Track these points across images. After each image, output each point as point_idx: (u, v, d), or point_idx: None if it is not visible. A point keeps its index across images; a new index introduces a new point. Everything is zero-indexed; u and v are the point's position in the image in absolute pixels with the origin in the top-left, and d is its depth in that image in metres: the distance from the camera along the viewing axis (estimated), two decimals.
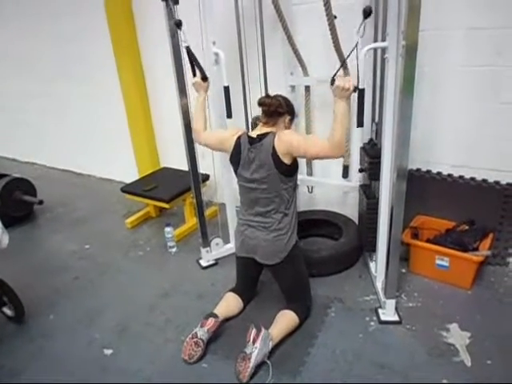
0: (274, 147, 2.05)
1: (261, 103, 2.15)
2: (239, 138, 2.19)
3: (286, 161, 2.06)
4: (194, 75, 2.40)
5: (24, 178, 3.87)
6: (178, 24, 2.28)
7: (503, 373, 1.94)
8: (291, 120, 2.24)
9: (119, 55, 3.73)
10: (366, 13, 1.78)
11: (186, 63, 2.44)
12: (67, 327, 2.46)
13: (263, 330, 2.05)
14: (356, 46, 1.85)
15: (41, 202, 3.72)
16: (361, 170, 2.59)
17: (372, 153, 2.37)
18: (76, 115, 4.57)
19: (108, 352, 2.25)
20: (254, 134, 2.16)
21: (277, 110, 2.13)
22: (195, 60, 2.36)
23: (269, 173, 2.09)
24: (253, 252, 2.26)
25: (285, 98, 2.20)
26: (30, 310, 2.55)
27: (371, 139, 2.51)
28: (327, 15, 2.25)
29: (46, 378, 2.11)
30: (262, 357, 2.01)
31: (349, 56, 1.87)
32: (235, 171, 2.25)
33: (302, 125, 3.04)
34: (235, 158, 2.20)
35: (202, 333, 2.13)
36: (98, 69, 4.03)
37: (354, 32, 1.87)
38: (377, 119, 2.47)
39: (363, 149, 2.51)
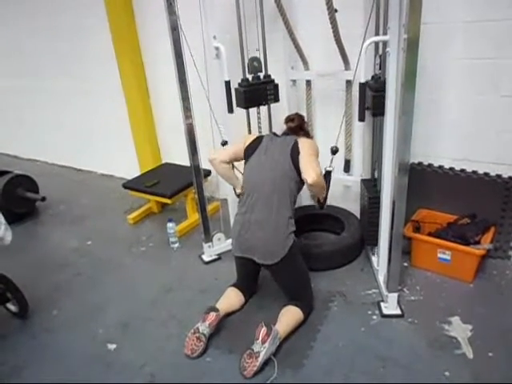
0: (296, 141, 2.24)
1: (289, 119, 2.42)
2: (262, 135, 2.41)
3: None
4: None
5: (26, 174, 3.88)
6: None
7: (505, 365, 1.95)
8: None
9: (120, 51, 3.72)
10: (333, 151, 2.17)
11: (187, 60, 2.45)
12: (71, 323, 2.47)
13: (273, 328, 2.05)
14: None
15: (43, 199, 3.72)
16: (366, 108, 2.39)
17: (376, 86, 2.24)
18: (77, 112, 4.56)
19: (112, 347, 2.26)
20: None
21: (301, 126, 2.41)
22: None
23: (282, 165, 2.18)
24: (250, 253, 2.23)
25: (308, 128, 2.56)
26: (34, 305, 2.56)
27: (374, 74, 2.37)
28: (328, 9, 2.24)
29: (49, 376, 2.13)
30: (269, 355, 2.02)
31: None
32: (247, 159, 2.30)
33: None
34: (252, 148, 2.32)
35: (204, 328, 2.14)
36: (99, 65, 4.02)
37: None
38: (380, 52, 2.34)
39: (366, 84, 2.28)
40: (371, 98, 2.25)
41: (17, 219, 3.70)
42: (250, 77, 2.63)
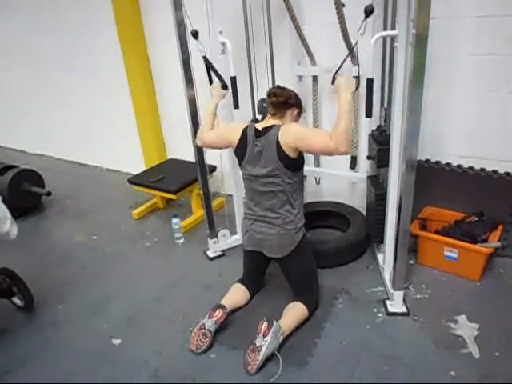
0: (278, 141, 2.02)
1: (270, 94, 2.13)
2: (245, 129, 2.16)
3: (291, 154, 2.03)
4: (211, 83, 2.46)
5: (32, 169, 3.88)
6: (195, 34, 2.36)
7: (511, 365, 1.93)
8: (299, 114, 2.23)
9: (126, 46, 3.70)
10: (368, 12, 1.82)
11: (193, 56, 2.43)
12: (76, 317, 2.48)
13: (275, 323, 2.05)
14: (356, 43, 1.98)
15: (49, 194, 3.73)
16: (369, 158, 2.53)
17: (380, 139, 2.32)
18: (83, 107, 4.56)
19: (116, 342, 2.27)
20: (260, 126, 2.13)
21: (286, 101, 2.12)
22: (214, 69, 2.42)
23: (274, 167, 2.06)
24: (260, 246, 2.26)
25: (294, 92, 2.19)
26: (39, 299, 2.57)
27: (379, 126, 2.46)
28: (335, 3, 2.21)
29: (53, 369, 2.15)
30: (271, 350, 2.01)
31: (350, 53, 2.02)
32: (240, 164, 2.23)
33: (310, 115, 3.01)
34: (241, 152, 2.17)
35: (210, 324, 2.14)
36: (104, 59, 4.01)
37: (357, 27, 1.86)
38: (386, 105, 2.42)
39: (371, 136, 2.46)
40: (376, 151, 2.32)
41: (23, 214, 3.70)
42: (259, 117, 2.63)
